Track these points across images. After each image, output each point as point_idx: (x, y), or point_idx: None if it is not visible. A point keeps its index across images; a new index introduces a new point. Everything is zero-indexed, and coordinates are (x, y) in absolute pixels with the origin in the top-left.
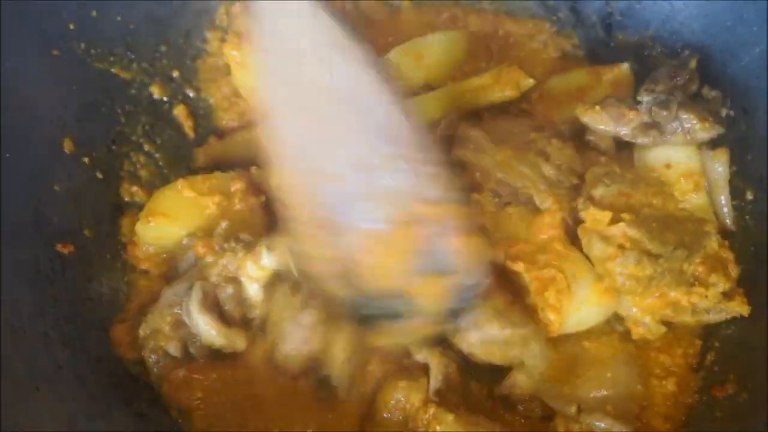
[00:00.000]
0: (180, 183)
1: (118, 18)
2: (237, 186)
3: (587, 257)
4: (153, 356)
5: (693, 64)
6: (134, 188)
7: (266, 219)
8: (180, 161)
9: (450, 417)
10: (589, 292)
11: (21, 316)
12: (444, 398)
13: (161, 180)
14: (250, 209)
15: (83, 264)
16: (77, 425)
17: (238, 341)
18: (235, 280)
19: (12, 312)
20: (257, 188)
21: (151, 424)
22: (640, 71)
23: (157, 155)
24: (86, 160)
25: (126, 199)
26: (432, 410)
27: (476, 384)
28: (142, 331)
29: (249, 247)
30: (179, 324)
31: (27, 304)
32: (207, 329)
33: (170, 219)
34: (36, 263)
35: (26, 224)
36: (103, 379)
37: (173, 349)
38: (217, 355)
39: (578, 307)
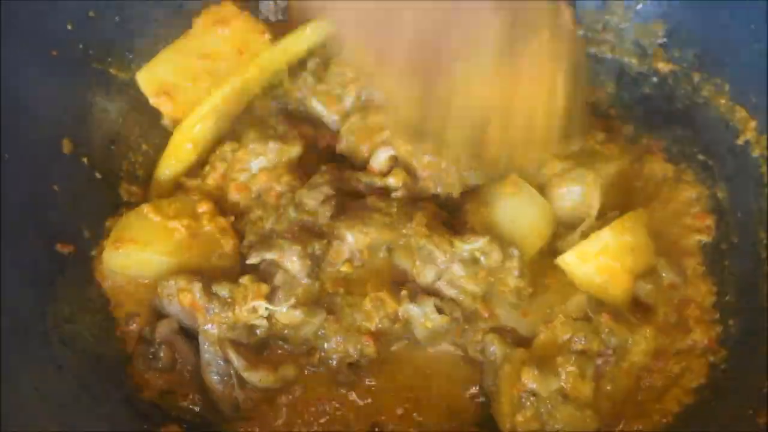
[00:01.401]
0: (145, 208)
1: (116, 18)
2: (203, 208)
3: None
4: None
5: None
6: (133, 188)
7: (237, 240)
8: None
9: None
10: None
11: (21, 317)
12: None
13: None
14: (220, 230)
15: (83, 264)
16: (78, 426)
17: (287, 373)
18: (238, 321)
19: (12, 312)
20: (223, 209)
21: (154, 424)
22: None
23: (155, 155)
24: (85, 160)
25: (125, 198)
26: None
27: None
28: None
29: (228, 305)
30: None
31: (27, 304)
32: (263, 384)
33: (141, 244)
34: (36, 263)
35: (26, 225)
36: (104, 380)
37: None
38: None
39: None
